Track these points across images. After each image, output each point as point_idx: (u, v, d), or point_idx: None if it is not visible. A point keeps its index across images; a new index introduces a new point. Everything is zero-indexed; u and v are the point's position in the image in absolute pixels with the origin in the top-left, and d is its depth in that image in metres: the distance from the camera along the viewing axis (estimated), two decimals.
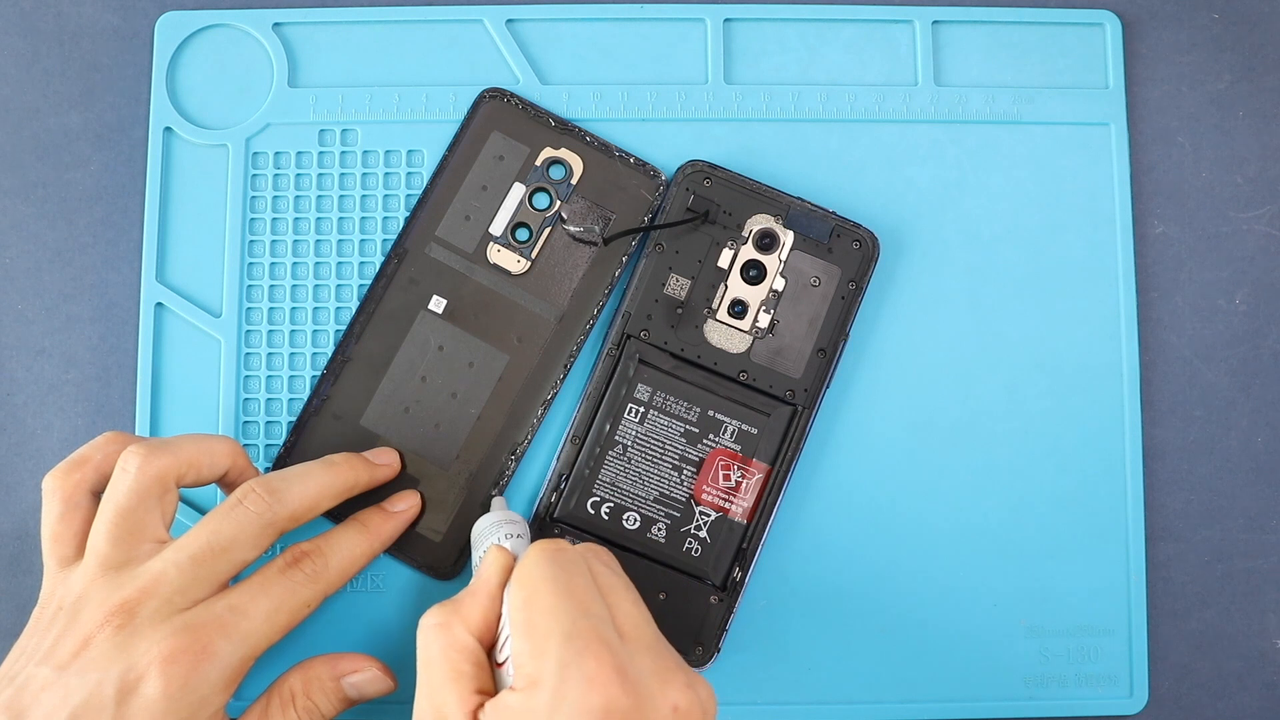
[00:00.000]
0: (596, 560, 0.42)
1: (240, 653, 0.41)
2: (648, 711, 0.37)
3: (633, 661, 0.38)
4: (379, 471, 0.47)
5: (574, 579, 0.39)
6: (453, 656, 0.40)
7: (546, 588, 0.39)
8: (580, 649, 0.37)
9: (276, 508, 0.43)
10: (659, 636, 0.40)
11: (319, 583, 0.43)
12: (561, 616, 0.38)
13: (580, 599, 0.39)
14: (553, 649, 0.37)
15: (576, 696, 0.36)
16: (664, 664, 0.38)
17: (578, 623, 0.38)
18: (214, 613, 0.41)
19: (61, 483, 0.44)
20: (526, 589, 0.39)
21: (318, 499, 0.45)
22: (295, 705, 0.43)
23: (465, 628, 0.40)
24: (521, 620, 0.39)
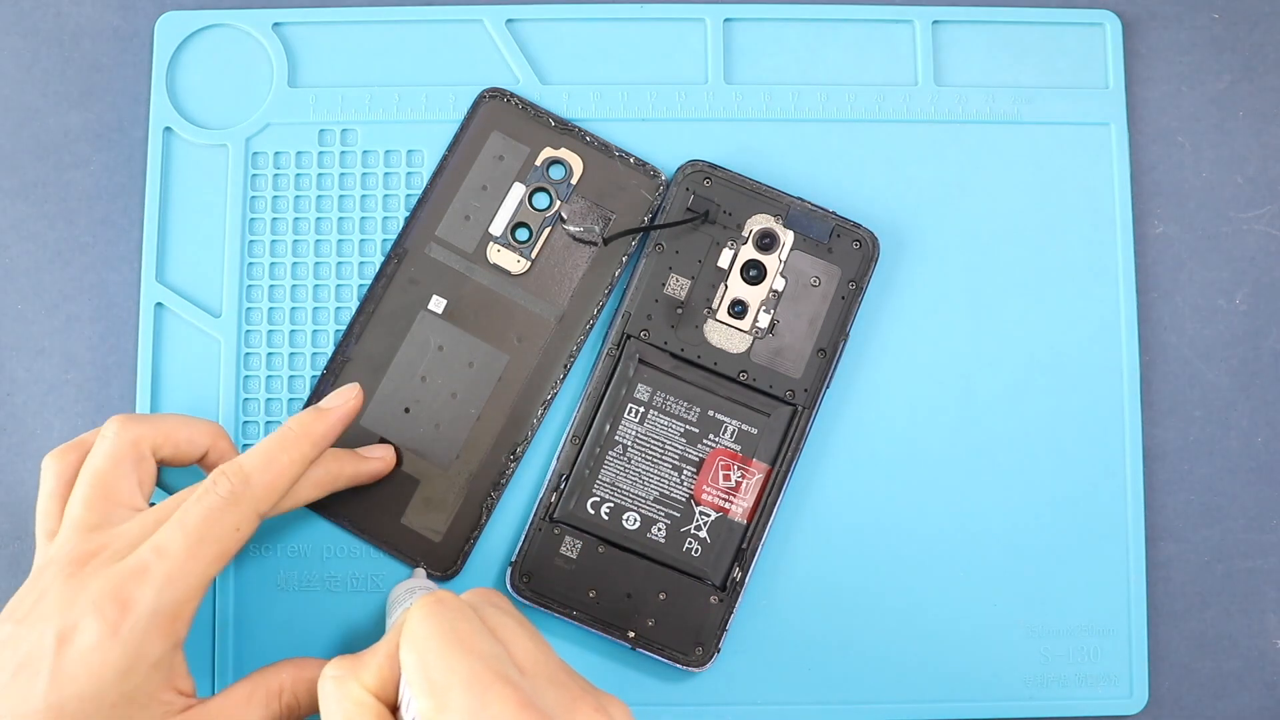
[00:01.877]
0: (485, 603, 0.41)
1: (169, 595, 0.40)
2: None
3: (538, 695, 0.37)
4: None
5: (459, 625, 0.38)
6: (350, 710, 0.39)
7: (435, 642, 0.38)
8: (481, 693, 0.36)
9: (245, 488, 0.42)
10: (562, 665, 0.39)
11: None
12: (456, 666, 0.37)
13: (471, 644, 0.38)
14: (454, 700, 0.36)
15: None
16: (570, 693, 0.38)
17: (474, 668, 0.37)
18: (140, 558, 0.40)
19: (58, 462, 0.44)
20: (416, 649, 0.38)
21: (285, 468, 0.43)
22: (280, 700, 0.43)
23: (361, 685, 0.39)
24: (418, 680, 0.37)
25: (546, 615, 0.48)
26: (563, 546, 0.48)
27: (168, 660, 0.40)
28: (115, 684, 0.39)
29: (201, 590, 0.41)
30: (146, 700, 0.40)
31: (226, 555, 0.41)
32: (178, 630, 0.40)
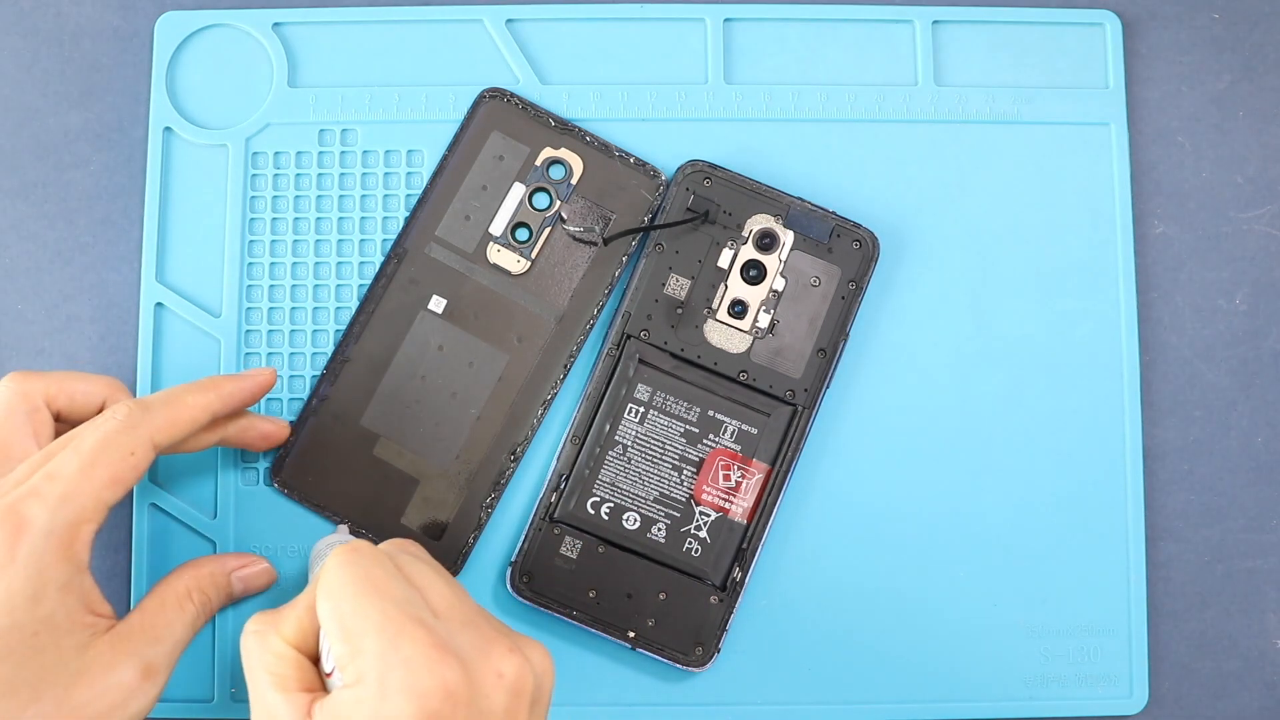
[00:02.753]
0: (401, 552, 0.41)
1: (63, 515, 0.40)
2: (475, 681, 0.37)
3: (452, 637, 0.38)
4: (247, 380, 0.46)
5: (373, 572, 0.39)
6: (270, 663, 0.40)
7: (349, 589, 0.38)
8: (394, 635, 0.37)
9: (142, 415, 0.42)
10: (478, 610, 0.40)
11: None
12: (370, 611, 0.38)
13: (385, 589, 0.38)
14: (369, 644, 0.37)
15: (401, 681, 0.36)
16: (483, 635, 0.38)
17: (387, 612, 0.37)
18: (32, 483, 0.40)
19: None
20: (331, 597, 0.39)
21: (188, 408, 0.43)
22: (193, 599, 0.44)
23: (281, 637, 0.40)
24: (334, 628, 0.38)
25: (546, 615, 0.48)
26: (563, 546, 0.48)
27: (76, 584, 0.41)
28: (27, 610, 0.39)
29: (97, 513, 0.41)
30: (67, 624, 0.40)
31: (120, 480, 0.41)
32: (78, 552, 0.40)
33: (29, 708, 0.39)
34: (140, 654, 0.41)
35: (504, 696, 0.38)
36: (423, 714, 0.36)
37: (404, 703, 0.36)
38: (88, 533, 0.41)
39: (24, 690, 0.39)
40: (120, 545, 0.49)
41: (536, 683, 0.39)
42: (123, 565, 0.49)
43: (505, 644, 0.38)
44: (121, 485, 0.41)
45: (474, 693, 0.37)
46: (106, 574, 0.49)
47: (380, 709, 0.36)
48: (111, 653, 0.41)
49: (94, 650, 0.41)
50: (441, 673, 0.36)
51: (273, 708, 0.39)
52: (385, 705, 0.36)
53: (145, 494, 0.49)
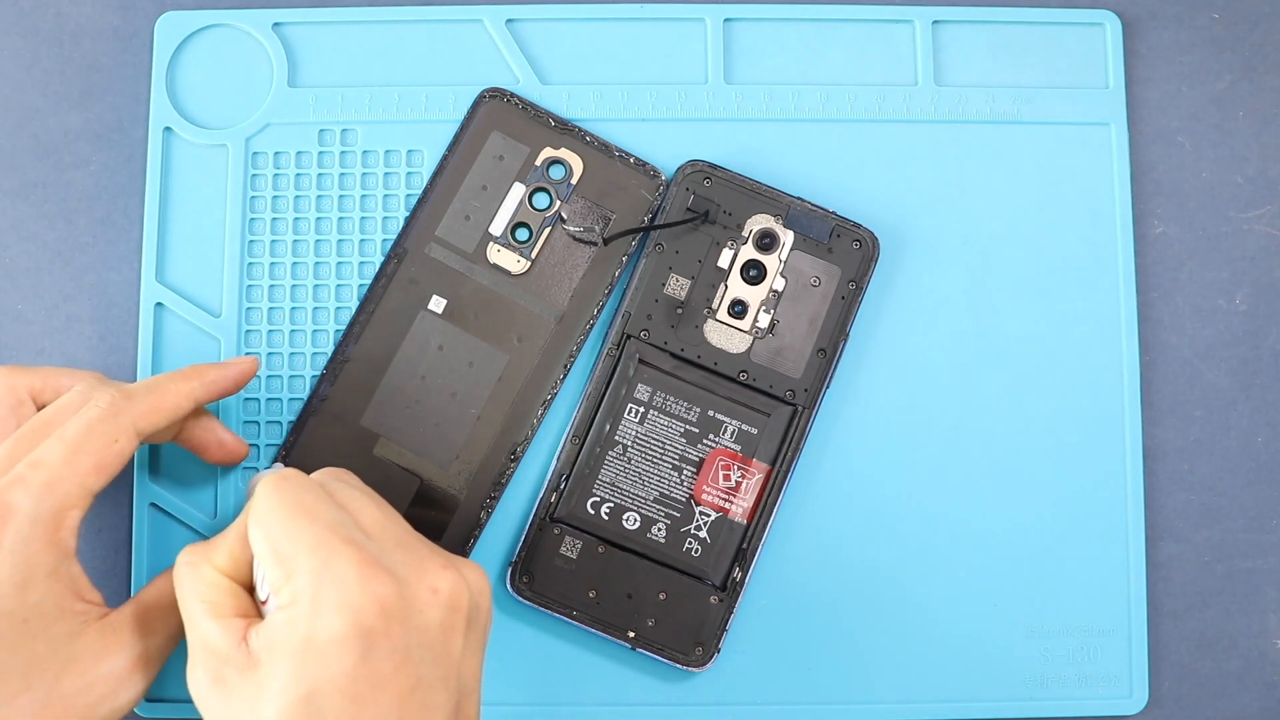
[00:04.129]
0: (333, 480, 0.42)
1: (48, 502, 0.40)
2: (408, 597, 0.37)
3: (385, 555, 0.38)
4: (230, 368, 0.46)
5: (304, 497, 0.39)
6: (204, 591, 0.40)
7: (279, 514, 0.39)
8: (326, 555, 0.37)
9: (126, 403, 0.42)
10: (410, 532, 0.40)
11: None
12: (300, 533, 0.38)
13: (315, 513, 0.39)
14: (301, 565, 0.38)
15: (335, 598, 0.37)
16: (417, 554, 0.39)
17: (319, 534, 0.38)
18: (16, 471, 0.40)
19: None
20: (262, 522, 0.39)
21: (172, 395, 0.43)
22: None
23: (214, 567, 0.41)
24: (267, 552, 0.39)
25: (546, 615, 0.48)
26: (563, 546, 0.48)
27: (64, 571, 0.41)
28: (15, 597, 0.40)
29: (82, 500, 0.41)
30: (56, 611, 0.40)
31: (105, 467, 0.41)
32: (64, 539, 0.41)
33: (19, 696, 0.39)
34: (132, 645, 0.42)
35: (439, 612, 0.38)
36: (356, 629, 0.37)
37: (337, 619, 0.37)
38: (73, 519, 0.41)
39: (14, 678, 0.39)
40: (120, 545, 0.49)
41: (473, 601, 0.39)
42: (123, 565, 0.49)
43: (439, 561, 0.39)
44: (106, 472, 0.41)
45: (408, 608, 0.37)
46: (106, 574, 0.49)
47: (314, 627, 0.37)
48: (102, 641, 0.41)
49: (85, 639, 0.41)
50: (374, 588, 0.37)
51: (207, 635, 0.39)
52: (319, 622, 0.37)
53: (145, 494, 0.49)
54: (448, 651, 0.38)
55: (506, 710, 0.48)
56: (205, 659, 0.39)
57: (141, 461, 0.49)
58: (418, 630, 0.38)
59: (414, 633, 0.37)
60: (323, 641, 0.37)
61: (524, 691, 0.48)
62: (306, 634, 0.37)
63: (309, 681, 0.37)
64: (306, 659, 0.37)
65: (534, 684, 0.48)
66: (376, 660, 0.37)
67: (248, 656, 0.38)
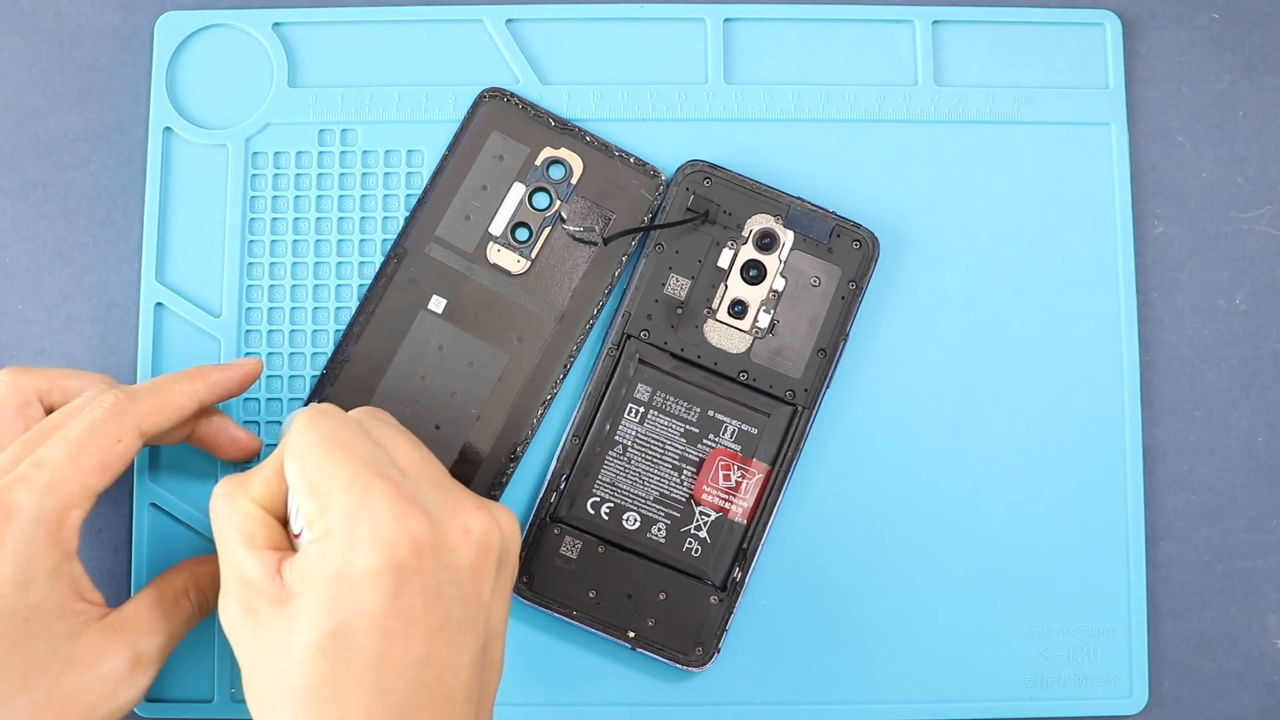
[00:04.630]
0: (370, 417, 0.42)
1: (50, 501, 0.40)
2: (441, 535, 0.38)
3: (420, 494, 0.38)
4: (234, 369, 0.46)
5: (341, 432, 0.39)
6: (239, 523, 0.40)
7: (316, 449, 0.39)
8: (363, 490, 0.38)
9: (129, 403, 0.42)
10: (445, 474, 0.41)
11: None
12: (337, 469, 0.38)
13: (352, 448, 0.39)
14: (336, 499, 0.38)
15: (369, 533, 0.37)
16: (451, 494, 0.39)
17: (355, 469, 0.38)
18: (19, 471, 0.40)
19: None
20: (298, 456, 0.39)
21: (175, 396, 0.43)
22: (189, 597, 0.44)
23: (249, 498, 0.41)
24: (302, 486, 0.39)
25: (546, 615, 0.48)
26: (563, 546, 0.48)
27: (66, 570, 0.41)
28: (18, 596, 0.40)
29: (84, 500, 0.41)
30: (57, 611, 0.40)
31: (108, 467, 0.41)
32: (66, 538, 0.41)
33: (18, 696, 0.39)
34: (132, 644, 0.42)
35: (471, 552, 0.38)
36: (390, 564, 0.37)
37: (371, 553, 0.37)
38: (75, 519, 0.41)
39: (14, 678, 0.39)
40: (120, 545, 0.49)
41: (504, 544, 0.40)
42: (123, 565, 0.49)
43: (473, 502, 0.39)
44: (109, 472, 0.41)
45: (441, 546, 0.38)
46: (106, 573, 0.49)
47: (348, 560, 0.37)
48: (103, 641, 0.41)
49: (85, 638, 0.41)
50: (408, 524, 0.37)
51: (241, 566, 0.39)
52: (353, 557, 0.37)
53: (145, 494, 0.49)
54: (478, 592, 0.39)
55: (507, 710, 0.48)
56: (238, 589, 0.39)
57: (142, 462, 0.49)
58: (449, 569, 0.38)
59: (446, 571, 0.38)
60: (356, 576, 0.37)
61: (524, 691, 0.49)
62: (340, 568, 0.37)
63: (340, 615, 0.37)
64: (339, 593, 0.37)
65: (534, 684, 0.48)
66: (408, 597, 0.37)
67: (281, 589, 0.38)
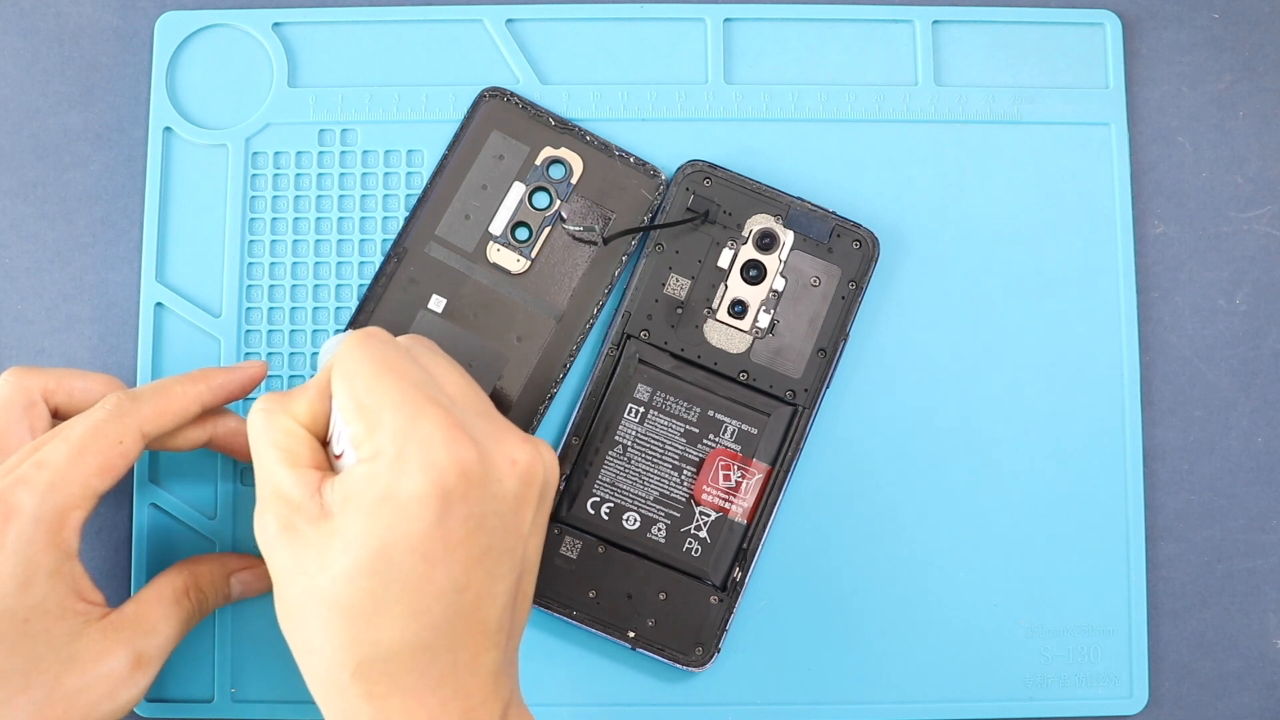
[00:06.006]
0: (416, 344, 0.42)
1: (51, 501, 0.40)
2: (488, 463, 0.38)
3: (466, 422, 0.38)
4: (237, 372, 0.46)
5: (390, 355, 0.39)
6: (280, 439, 0.40)
7: (365, 369, 0.39)
8: (412, 413, 0.37)
9: (131, 405, 0.42)
10: (489, 403, 0.41)
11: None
12: (387, 390, 0.38)
13: (402, 371, 0.39)
14: (385, 420, 0.38)
15: (419, 456, 0.37)
16: (497, 425, 0.39)
17: (405, 392, 0.38)
18: (21, 471, 0.41)
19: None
20: (347, 376, 0.39)
21: (178, 398, 0.43)
22: (190, 596, 0.44)
23: (291, 416, 0.41)
24: (349, 406, 0.39)
25: (547, 615, 0.48)
26: (563, 546, 0.48)
27: (66, 571, 0.41)
28: (17, 596, 0.40)
29: (85, 500, 0.41)
30: (58, 611, 0.40)
31: (109, 468, 0.41)
32: (66, 539, 0.41)
33: (19, 696, 0.39)
34: (133, 644, 0.42)
35: (515, 483, 0.39)
36: (438, 489, 0.37)
37: (420, 477, 0.37)
38: (76, 520, 0.41)
39: (14, 677, 0.39)
40: (120, 545, 0.49)
41: (545, 478, 0.40)
42: (123, 565, 0.49)
43: (518, 435, 0.40)
44: (110, 473, 0.41)
45: (487, 475, 0.38)
46: (106, 573, 0.49)
47: (396, 482, 0.37)
48: (103, 641, 0.41)
49: (85, 638, 0.41)
50: (458, 451, 0.37)
51: (280, 483, 0.39)
52: (401, 479, 0.37)
53: (145, 494, 0.49)
54: (518, 523, 0.39)
55: None
56: (276, 506, 0.39)
57: (142, 462, 0.49)
58: (494, 499, 0.38)
59: (490, 500, 0.38)
60: (403, 498, 0.37)
61: (524, 691, 0.48)
62: (386, 489, 0.37)
63: (384, 536, 0.37)
64: (384, 513, 0.37)
65: (534, 684, 0.48)
66: (452, 522, 0.37)
67: (320, 508, 0.38)
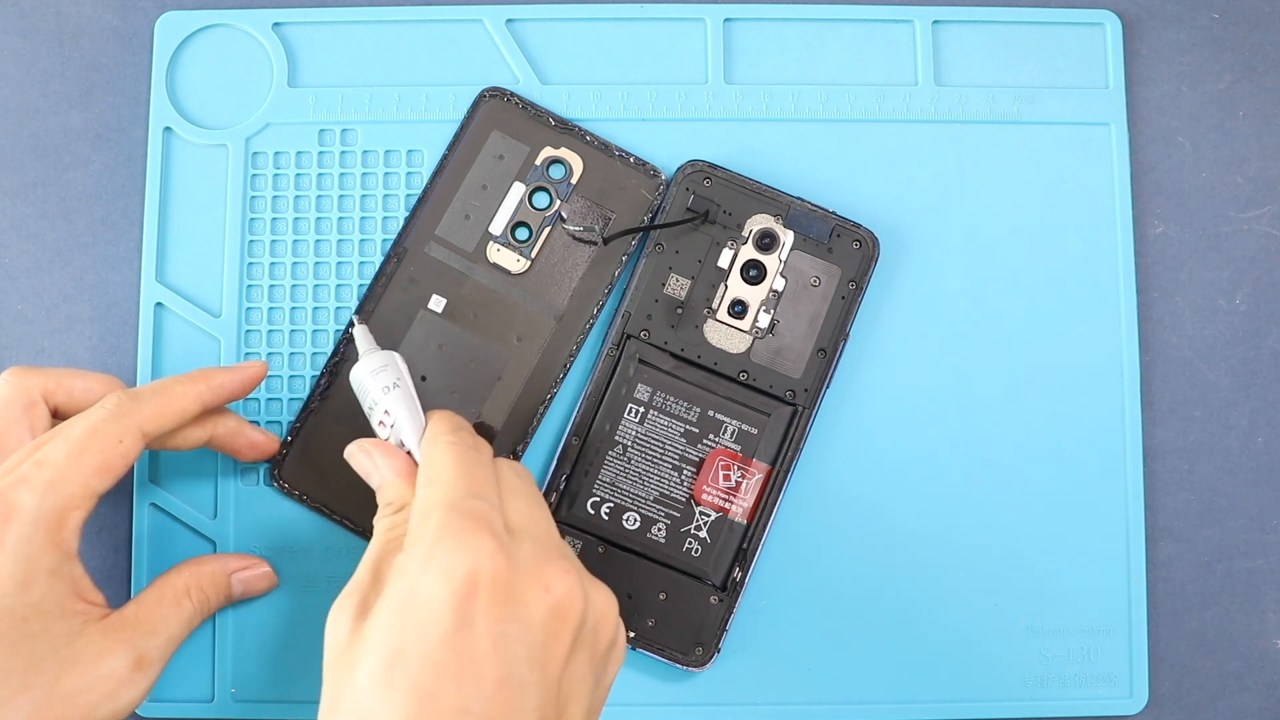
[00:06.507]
0: (508, 467, 0.42)
1: (51, 500, 0.40)
2: (518, 584, 0.37)
3: (514, 543, 0.38)
4: (238, 372, 0.46)
5: (474, 469, 0.40)
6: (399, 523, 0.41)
7: (446, 471, 0.40)
8: (460, 520, 0.38)
9: (131, 404, 0.42)
10: (555, 536, 0.41)
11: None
12: (452, 493, 0.39)
13: (474, 483, 0.40)
14: (435, 517, 0.38)
15: (446, 556, 0.37)
16: (546, 552, 0.39)
17: (465, 500, 0.39)
18: (21, 470, 0.41)
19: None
20: (431, 465, 0.41)
21: (178, 397, 0.44)
22: (191, 597, 0.44)
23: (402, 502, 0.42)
24: (420, 497, 0.40)
25: None
26: None
27: (66, 570, 0.41)
28: (16, 595, 0.40)
29: (85, 500, 0.41)
30: (57, 611, 0.40)
31: (109, 468, 0.41)
32: (66, 539, 0.41)
33: (18, 695, 0.39)
34: (133, 645, 0.42)
35: (544, 612, 0.38)
36: (456, 595, 0.37)
37: (441, 578, 0.37)
38: (76, 519, 0.41)
39: (14, 677, 0.39)
40: (120, 545, 0.49)
41: (590, 620, 0.39)
42: (123, 565, 0.49)
43: (564, 565, 0.39)
44: (110, 473, 0.41)
45: (515, 594, 0.37)
46: (106, 573, 0.49)
47: (419, 579, 0.37)
48: (104, 641, 0.41)
49: (85, 638, 0.41)
50: (483, 560, 0.37)
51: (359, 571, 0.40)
52: (424, 577, 0.37)
53: (145, 494, 0.49)
54: (548, 656, 0.37)
55: None
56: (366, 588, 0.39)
57: (142, 462, 0.49)
58: (519, 622, 0.37)
59: (515, 624, 0.37)
60: (422, 598, 0.37)
61: None
62: (411, 584, 0.37)
63: (401, 638, 0.37)
64: (405, 613, 0.37)
65: None
66: (471, 635, 0.36)
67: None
